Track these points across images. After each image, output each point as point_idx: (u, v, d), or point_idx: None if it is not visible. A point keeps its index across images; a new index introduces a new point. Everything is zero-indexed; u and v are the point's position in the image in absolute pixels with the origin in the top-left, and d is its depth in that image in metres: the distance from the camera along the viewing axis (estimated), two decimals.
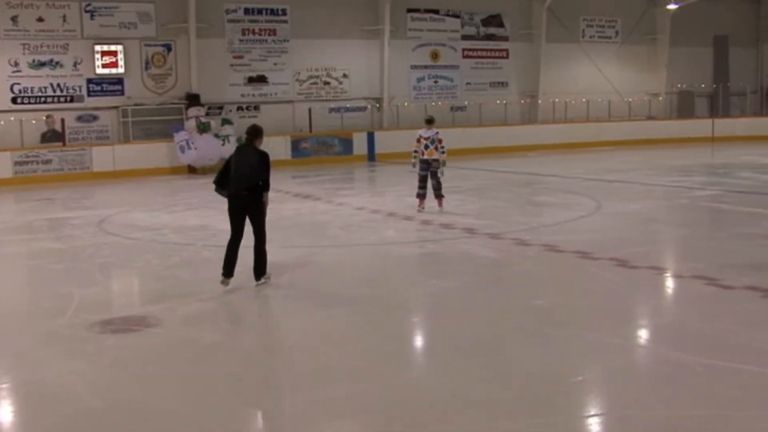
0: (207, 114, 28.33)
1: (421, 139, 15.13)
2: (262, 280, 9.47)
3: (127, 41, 28.01)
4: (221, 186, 9.52)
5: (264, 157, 9.44)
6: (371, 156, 31.00)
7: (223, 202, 9.71)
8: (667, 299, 8.75)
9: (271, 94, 31.06)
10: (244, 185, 9.28)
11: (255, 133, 9.55)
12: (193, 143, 26.24)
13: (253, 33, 30.59)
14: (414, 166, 15.33)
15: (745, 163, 25.12)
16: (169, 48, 28.82)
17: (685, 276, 9.39)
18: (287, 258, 11.09)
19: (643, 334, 7.37)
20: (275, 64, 31.07)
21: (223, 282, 9.21)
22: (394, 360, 6.68)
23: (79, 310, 8.54)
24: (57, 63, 27.00)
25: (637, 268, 9.75)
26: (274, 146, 29.10)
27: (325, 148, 30.39)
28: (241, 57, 30.41)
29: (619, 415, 5.41)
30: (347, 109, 32.42)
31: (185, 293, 9.17)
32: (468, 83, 35.78)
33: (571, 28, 37.87)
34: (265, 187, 9.46)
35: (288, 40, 31.18)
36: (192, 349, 7.09)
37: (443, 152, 15.05)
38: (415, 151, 15.20)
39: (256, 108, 30.83)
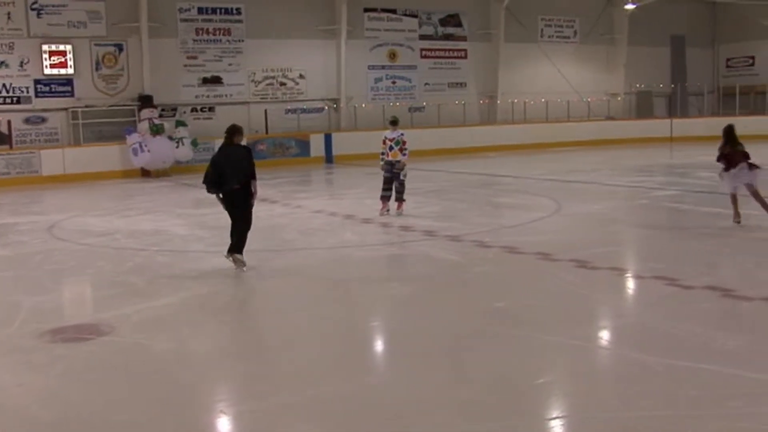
0: (160, 116, 28.08)
1: (387, 141, 15.13)
2: (229, 257, 10.45)
3: (76, 40, 27.65)
4: (214, 185, 10.45)
5: (249, 151, 10.79)
6: (329, 158, 30.97)
7: (175, 206, 9.60)
8: (628, 300, 8.85)
9: (226, 96, 30.89)
10: (237, 180, 10.35)
11: (234, 131, 10.74)
12: (146, 146, 25.97)
13: (207, 33, 30.39)
14: (382, 168, 15.34)
15: (704, 163, 25.44)
16: (120, 48, 28.50)
17: (645, 276, 9.50)
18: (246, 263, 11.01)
19: (604, 336, 7.45)
20: (230, 64, 30.90)
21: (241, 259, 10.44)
22: (354, 365, 6.66)
23: (27, 319, 8.39)
24: (2, 63, 26.55)
25: (598, 269, 9.84)
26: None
27: (281, 150, 30.29)
28: (195, 57, 30.19)
29: (580, 417, 5.45)
30: (304, 111, 32.35)
31: (139, 300, 9.07)
32: (426, 84, 35.90)
33: (529, 28, 38.19)
34: (252, 176, 10.51)
35: (243, 40, 31.03)
36: (146, 357, 7.01)
37: (404, 155, 15.06)
38: (382, 153, 15.21)
39: (211, 109, 30.63)
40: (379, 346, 7.52)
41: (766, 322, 7.46)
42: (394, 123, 15.34)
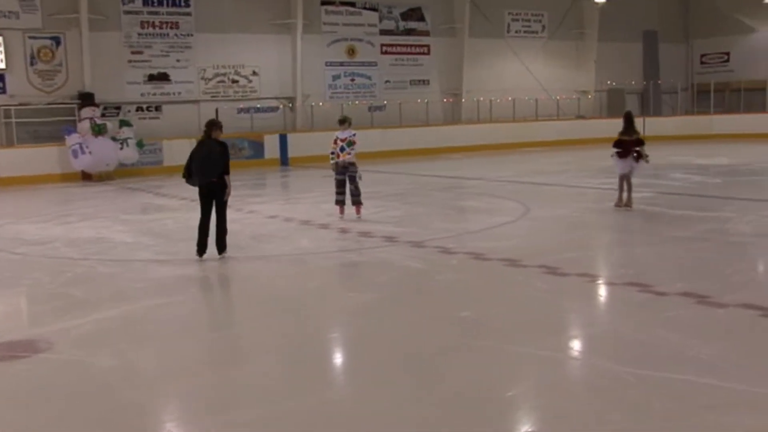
0: (103, 115, 27.80)
1: (338, 141, 15.11)
2: (223, 255, 11.72)
3: (7, 32, 27.25)
4: (190, 178, 11.65)
5: (225, 147, 11.66)
6: (284, 160, 30.89)
7: (119, 212, 9.49)
8: (599, 308, 8.92)
9: (174, 94, 30.68)
10: (214, 174, 11.43)
11: (213, 125, 11.73)
12: (87, 147, 25.67)
13: (153, 26, 30.16)
14: (333, 169, 15.31)
15: (677, 163, 25.83)
16: (57, 41, 28.15)
17: (617, 283, 9.58)
18: (193, 271, 10.94)
19: (575, 345, 7.49)
20: (178, 60, 30.70)
21: (199, 260, 11.50)
22: (311, 379, 6.62)
23: None
24: None
25: (568, 275, 9.91)
26: (179, 150, 28.76)
27: (233, 152, 29.86)
28: (140, 52, 29.93)
29: (551, 431, 5.47)
30: (257, 110, 32.25)
31: (79, 313, 8.94)
32: (387, 81, 35.99)
33: (495, 23, 38.45)
34: (226, 171, 11.58)
35: (192, 35, 30.85)
36: (88, 375, 6.91)
37: (350, 153, 15.03)
38: (332, 153, 15.18)
39: (158, 108, 30.42)
40: (337, 359, 7.49)
41: (741, 329, 7.55)
42: (343, 122, 15.34)
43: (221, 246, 11.80)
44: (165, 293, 9.79)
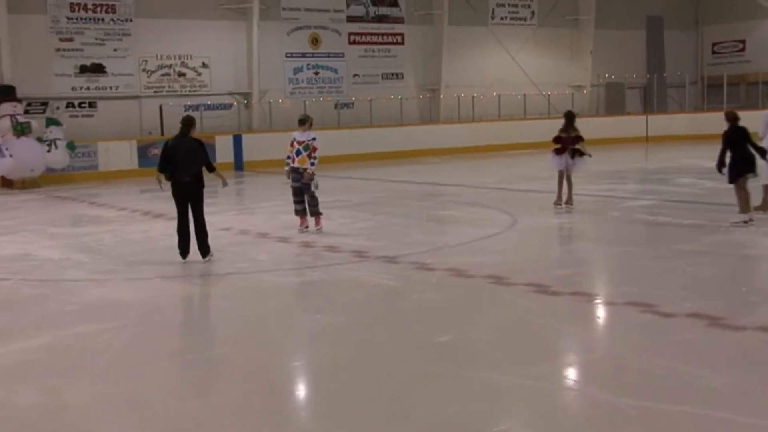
0: (26, 112, 27.58)
1: (295, 143, 15.05)
2: (208, 258, 12.71)
3: None
4: (163, 170, 12.61)
5: (201, 144, 12.73)
6: (238, 164, 30.80)
7: (47, 224, 9.42)
8: (597, 331, 8.94)
9: (110, 88, 30.53)
10: (190, 172, 12.44)
11: (189, 122, 12.78)
12: (7, 149, 25.43)
13: (86, 9, 29.95)
14: (288, 176, 15.25)
15: (685, 167, 26.03)
16: None
17: (617, 303, 9.61)
18: (135, 293, 10.86)
19: (569, 374, 7.50)
20: (115, 50, 30.56)
21: (183, 262, 12.57)
22: (273, 413, 6.59)
23: None
24: None
25: (560, 294, 9.93)
26: (116, 153, 28.64)
27: None
28: (70, 40, 29.73)
29: None
30: (208, 107, 32.18)
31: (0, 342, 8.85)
32: (356, 75, 36.05)
33: (478, 8, 38.64)
34: (210, 168, 12.85)
35: (131, 20, 30.72)
36: (7, 414, 6.82)
37: (312, 163, 14.93)
38: (288, 157, 15.12)
39: (92, 105, 30.26)
40: (300, 389, 7.46)
41: (760, 355, 7.58)
42: (303, 122, 15.26)
43: (203, 249, 12.77)
44: (100, 318, 9.70)
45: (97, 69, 30.27)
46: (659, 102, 42.17)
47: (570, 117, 17.66)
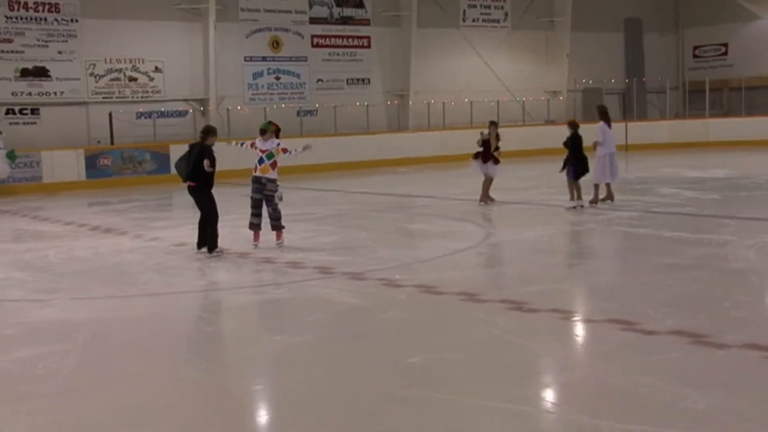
0: None
1: (257, 150, 15.02)
2: (214, 253, 14.42)
3: None
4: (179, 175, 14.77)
5: (202, 149, 14.37)
6: None
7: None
8: (575, 350, 8.95)
9: (55, 93, 30.30)
10: (191, 178, 14.40)
11: (205, 131, 14.87)
12: None
13: (27, 8, 29.69)
14: (232, 143, 15.42)
15: (666, 176, 26.21)
16: None
17: (596, 320, 9.64)
18: (82, 313, 10.77)
19: (547, 396, 7.50)
20: (60, 52, 30.32)
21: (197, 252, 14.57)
22: None
23: None
24: None
25: (537, 311, 9.95)
26: (62, 163, 28.41)
27: (132, 166, 29.88)
28: (9, 41, 29.47)
29: None
30: (161, 114, 32.05)
31: None
32: (319, 80, 36.06)
33: (448, 10, 38.80)
34: (200, 163, 14.31)
35: (77, 20, 30.50)
36: None
37: (296, 152, 15.24)
38: (242, 143, 15.40)
39: (35, 111, 30.01)
40: (262, 416, 7.42)
41: (746, 374, 7.63)
42: (264, 132, 15.24)
43: (209, 246, 14.55)
44: (44, 341, 9.60)
45: (40, 73, 30.01)
46: (639, 108, 42.45)
47: (496, 127, 20.65)
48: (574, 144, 19.06)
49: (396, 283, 11.84)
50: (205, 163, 14.19)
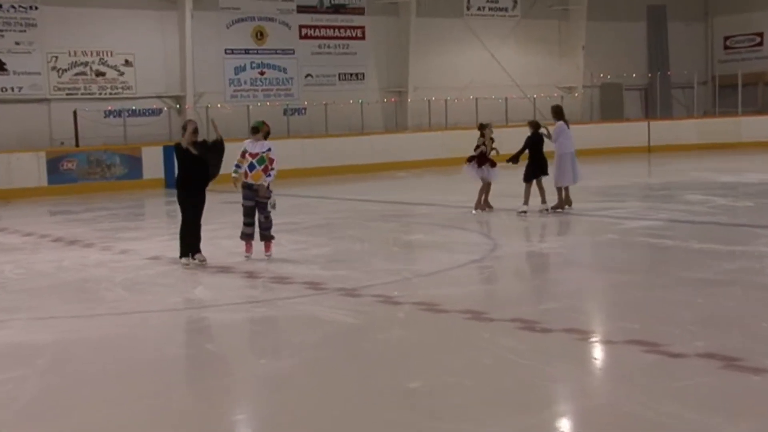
0: None
1: (247, 155, 15.03)
2: (202, 259, 14.86)
3: None
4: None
5: (204, 145, 15.12)
6: (169, 181, 30.59)
7: None
8: (594, 374, 8.95)
9: (12, 89, 30.30)
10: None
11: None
12: None
13: None
14: (234, 184, 15.24)
15: (694, 181, 26.21)
16: None
17: (616, 341, 9.63)
18: (44, 335, 10.74)
19: (562, 426, 7.50)
20: (17, 43, 30.32)
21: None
22: None
23: None
24: None
25: (550, 331, 9.95)
26: (21, 167, 28.35)
27: (100, 171, 29.86)
28: None
29: None
30: (132, 113, 32.04)
31: None
32: (308, 75, 36.09)
33: None
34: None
35: (36, 8, 30.48)
36: None
37: (269, 175, 14.98)
38: (237, 166, 15.13)
39: None
40: None
41: None
42: (256, 130, 15.24)
43: (193, 250, 14.95)
44: (0, 367, 9.60)
45: None
46: (663, 106, 42.43)
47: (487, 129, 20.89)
48: (534, 144, 19.95)
49: (394, 300, 11.83)
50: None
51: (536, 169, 19.76)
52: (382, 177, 31.59)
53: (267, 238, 15.20)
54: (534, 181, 19.91)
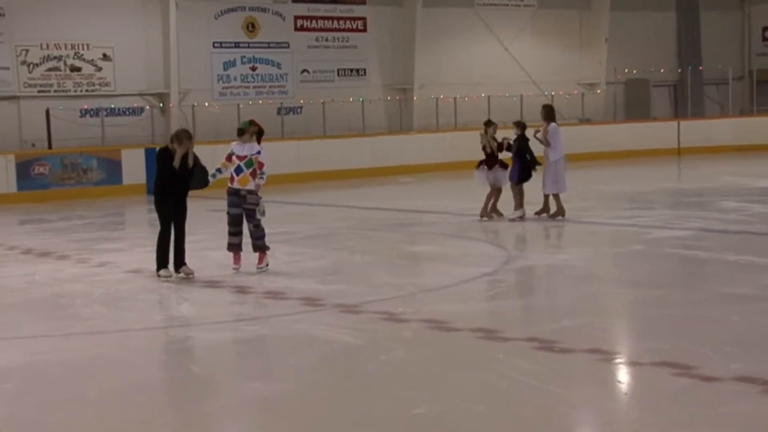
0: None
1: (234, 158, 15.04)
2: (189, 271, 15.01)
3: None
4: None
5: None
6: (152, 186, 30.60)
7: None
8: (619, 399, 8.93)
9: None
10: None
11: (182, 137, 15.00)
12: None
13: None
14: (213, 177, 15.25)
15: (729, 186, 26.18)
16: None
17: (643, 363, 9.61)
18: (10, 358, 10.73)
19: None
20: None
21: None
22: None
23: None
24: None
25: (570, 352, 9.93)
26: None
27: (75, 176, 29.85)
28: None
29: None
30: (111, 112, 32.06)
31: None
32: (304, 71, 36.10)
33: None
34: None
35: None
36: None
37: (261, 178, 15.00)
38: (218, 170, 15.18)
39: None
40: None
41: None
42: (242, 132, 15.25)
43: (178, 263, 15.07)
44: None
45: None
46: (694, 103, 42.36)
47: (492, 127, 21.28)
48: (520, 146, 20.54)
49: (398, 318, 11.84)
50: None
51: (526, 172, 20.27)
52: (385, 182, 31.58)
53: (260, 248, 15.18)
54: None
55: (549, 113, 20.76)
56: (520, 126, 21.01)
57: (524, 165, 20.25)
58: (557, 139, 20.24)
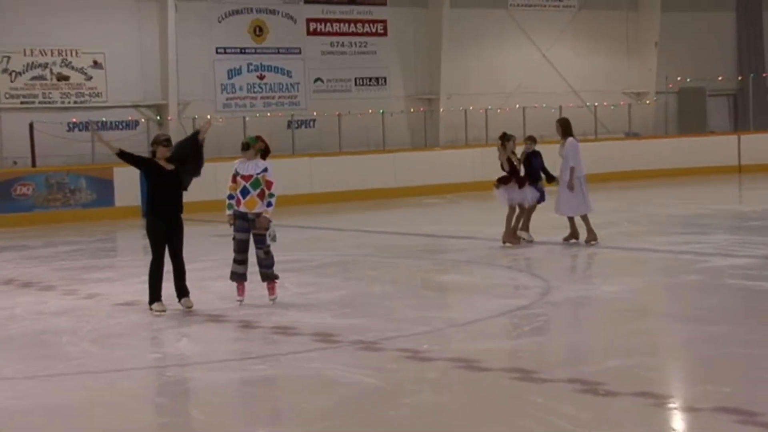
0: None
1: (239, 179, 15.03)
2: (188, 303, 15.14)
3: None
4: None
5: (198, 149, 15.75)
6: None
7: None
8: None
9: None
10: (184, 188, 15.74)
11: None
12: None
13: None
14: (231, 223, 15.20)
15: None
16: None
17: (701, 408, 9.58)
18: None
19: None
20: None
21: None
22: None
23: None
24: None
25: (618, 395, 9.91)
26: None
27: (61, 197, 29.98)
28: None
29: None
30: (103, 126, 32.15)
31: None
32: (318, 80, 36.20)
33: None
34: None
35: None
36: None
37: (270, 204, 14.94)
38: (231, 196, 15.08)
39: None
40: None
41: None
42: (247, 147, 15.23)
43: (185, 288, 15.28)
44: None
45: None
46: (757, 115, 42.22)
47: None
48: (533, 162, 21.55)
49: (423, 356, 11.83)
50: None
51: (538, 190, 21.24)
52: (408, 204, 31.62)
53: (270, 277, 15.17)
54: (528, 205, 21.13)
55: (565, 128, 21.03)
56: (533, 140, 22.02)
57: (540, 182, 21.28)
58: (579, 155, 20.56)
